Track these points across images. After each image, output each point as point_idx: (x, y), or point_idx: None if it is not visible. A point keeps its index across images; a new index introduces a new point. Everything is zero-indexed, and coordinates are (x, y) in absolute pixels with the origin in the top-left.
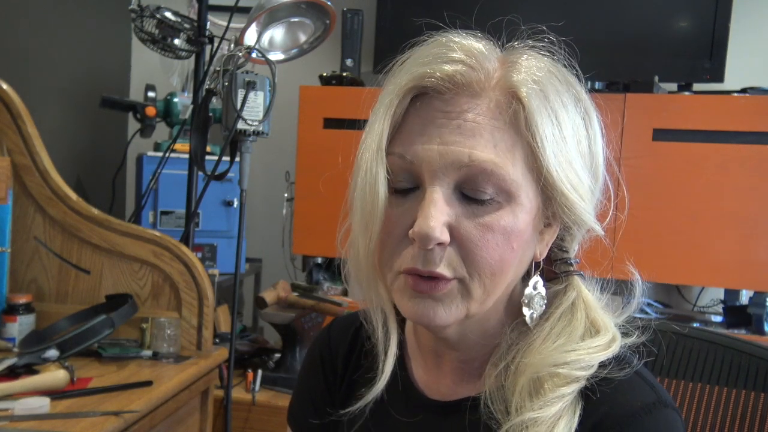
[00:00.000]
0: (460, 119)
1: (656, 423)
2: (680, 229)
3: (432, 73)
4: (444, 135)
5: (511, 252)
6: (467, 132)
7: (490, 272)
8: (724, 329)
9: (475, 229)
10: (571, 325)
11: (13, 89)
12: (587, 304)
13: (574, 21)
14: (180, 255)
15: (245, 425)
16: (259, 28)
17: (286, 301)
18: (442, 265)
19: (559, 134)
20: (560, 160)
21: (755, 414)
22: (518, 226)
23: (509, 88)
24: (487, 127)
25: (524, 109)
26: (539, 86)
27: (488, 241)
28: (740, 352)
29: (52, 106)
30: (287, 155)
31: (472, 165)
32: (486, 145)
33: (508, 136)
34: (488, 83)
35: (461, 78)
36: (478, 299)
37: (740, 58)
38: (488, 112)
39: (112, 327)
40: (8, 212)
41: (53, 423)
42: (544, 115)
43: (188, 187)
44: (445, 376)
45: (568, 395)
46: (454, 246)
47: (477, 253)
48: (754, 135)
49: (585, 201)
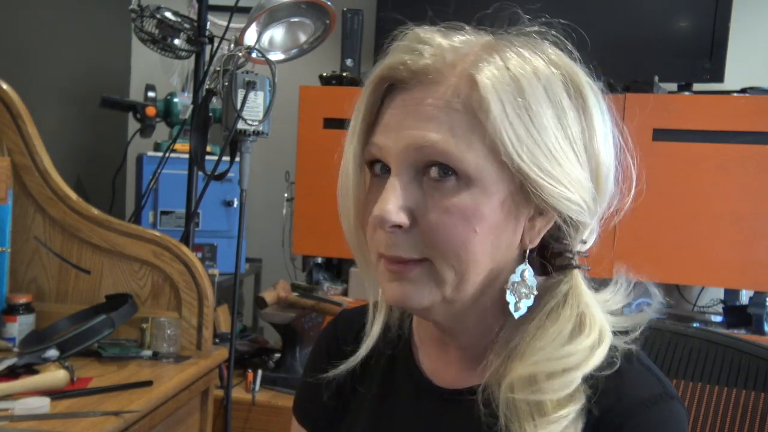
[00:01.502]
0: (418, 104)
1: (662, 414)
2: (680, 229)
3: (395, 64)
4: (403, 121)
5: (474, 235)
6: (423, 117)
7: (454, 254)
8: (724, 329)
9: (434, 212)
10: (558, 322)
11: (13, 89)
12: (580, 298)
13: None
14: (180, 255)
15: (245, 425)
16: (259, 28)
17: (286, 301)
18: (406, 248)
19: (528, 120)
20: (528, 145)
21: (755, 414)
22: (480, 209)
23: (467, 73)
24: (444, 110)
25: (478, 92)
26: (508, 71)
27: (446, 223)
28: (740, 351)
29: (52, 106)
30: (287, 155)
31: (426, 146)
32: (440, 128)
33: (466, 120)
34: (449, 70)
35: (418, 67)
36: (450, 282)
37: (740, 58)
38: (446, 97)
39: (112, 327)
40: (8, 212)
41: (53, 423)
42: (505, 99)
43: (188, 187)
44: (451, 363)
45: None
46: (417, 230)
47: (437, 236)
48: (754, 135)
49: (571, 191)
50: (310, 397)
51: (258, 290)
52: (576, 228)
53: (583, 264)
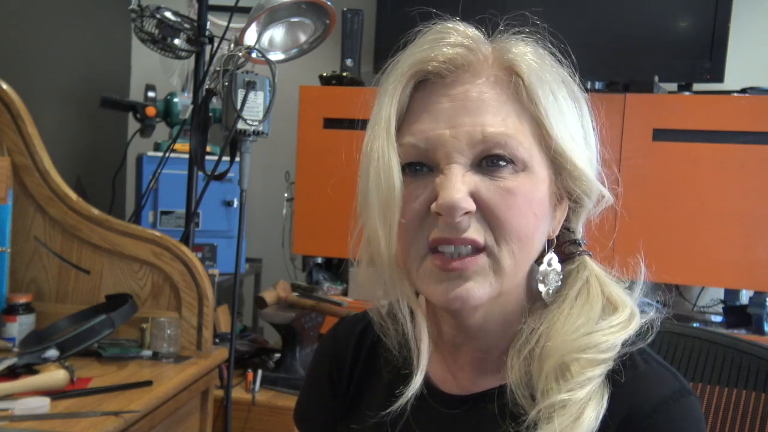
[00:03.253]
0: (465, 99)
1: (682, 410)
2: (680, 229)
3: (433, 56)
4: (453, 117)
5: (534, 218)
6: (474, 110)
7: (516, 237)
8: (724, 329)
9: (497, 192)
10: (588, 303)
11: (13, 89)
12: (601, 280)
13: (574, 21)
14: (180, 255)
15: (245, 425)
16: (259, 28)
17: (286, 301)
18: (471, 231)
19: (557, 107)
20: (564, 131)
21: (755, 414)
22: (537, 194)
23: (506, 64)
24: (493, 101)
25: (524, 82)
26: (534, 62)
27: (511, 204)
28: (741, 352)
29: (52, 106)
30: (287, 155)
31: (486, 140)
32: (495, 119)
33: (514, 109)
34: (486, 62)
35: (461, 59)
36: (509, 271)
37: (740, 58)
38: (491, 88)
39: (112, 327)
40: (8, 212)
41: (53, 423)
42: (543, 88)
43: (188, 187)
44: (463, 370)
45: (596, 378)
46: (479, 214)
47: (502, 217)
48: (754, 135)
49: (591, 173)
50: (311, 408)
51: (258, 290)
52: (578, 216)
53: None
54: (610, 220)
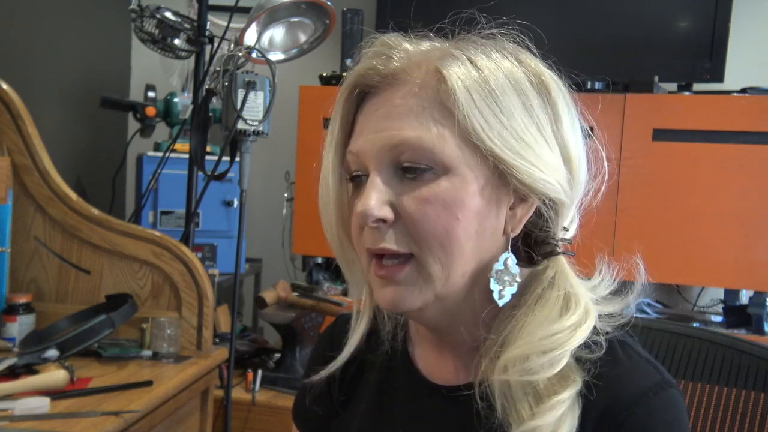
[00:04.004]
0: (389, 105)
1: (663, 402)
2: (680, 229)
3: (364, 70)
4: (376, 123)
5: (457, 222)
6: (394, 116)
7: (438, 244)
8: (724, 329)
9: (414, 203)
10: (546, 306)
11: (13, 89)
12: (565, 282)
13: (574, 21)
14: (180, 255)
15: (245, 425)
16: (259, 28)
17: (286, 301)
18: (390, 241)
19: (495, 107)
20: (498, 131)
21: (755, 414)
22: (459, 196)
23: (433, 68)
24: (414, 107)
25: (445, 84)
26: (472, 64)
27: (428, 213)
28: (741, 351)
29: (52, 106)
30: (287, 155)
31: (401, 144)
32: (412, 124)
33: (436, 112)
34: (415, 68)
35: (385, 69)
36: (439, 277)
37: (740, 58)
38: (414, 94)
39: (112, 327)
40: (8, 212)
41: (53, 423)
42: (471, 88)
43: (188, 187)
44: (448, 362)
45: (566, 400)
46: (400, 223)
47: (419, 227)
48: (754, 135)
49: (545, 173)
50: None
51: (258, 290)
52: (556, 213)
53: (566, 250)
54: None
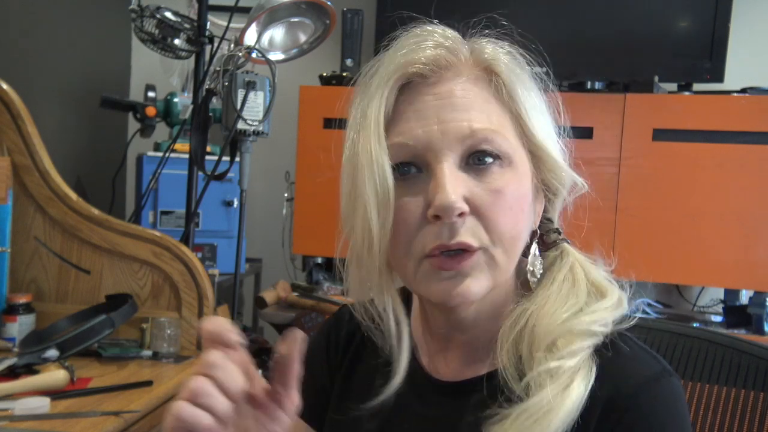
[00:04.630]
0: (451, 96)
1: (664, 390)
2: (680, 229)
3: (416, 58)
4: (440, 114)
5: (523, 215)
6: (460, 107)
7: (509, 236)
8: (724, 329)
9: (488, 195)
10: (575, 287)
11: (13, 89)
12: (584, 267)
13: (573, 21)
14: (180, 255)
15: None
16: (259, 28)
17: (286, 301)
18: (467, 235)
19: (532, 103)
20: (539, 125)
21: (755, 414)
22: (523, 189)
23: (485, 64)
24: (477, 99)
25: (503, 81)
26: (509, 62)
27: (502, 206)
28: (741, 351)
29: (52, 106)
30: (287, 155)
31: (473, 135)
32: (480, 116)
33: (496, 106)
34: (467, 62)
35: (443, 60)
36: (503, 267)
37: (740, 58)
38: (473, 86)
39: (112, 327)
40: (8, 212)
41: (53, 423)
42: (520, 86)
43: (188, 187)
44: (452, 360)
45: (584, 349)
46: (472, 216)
47: (495, 219)
48: (754, 135)
49: (564, 167)
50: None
51: (258, 290)
52: (554, 206)
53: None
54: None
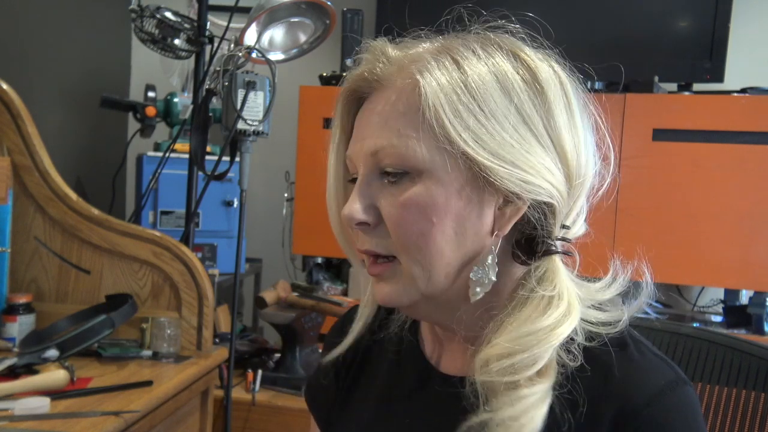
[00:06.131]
0: (372, 113)
1: (679, 399)
2: (680, 229)
3: (355, 77)
4: (362, 131)
5: (431, 225)
6: (373, 124)
7: (415, 247)
8: (724, 329)
9: (392, 208)
10: (530, 305)
11: (13, 89)
12: (555, 280)
13: (573, 21)
14: (180, 255)
15: (245, 425)
16: (259, 28)
17: (286, 301)
18: (373, 243)
19: (475, 108)
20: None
21: (755, 414)
22: (435, 200)
23: (413, 75)
24: (392, 114)
25: (422, 89)
26: (455, 65)
27: (404, 217)
28: (740, 351)
29: (52, 106)
30: (287, 155)
31: (377, 154)
32: (383, 133)
33: (412, 118)
34: (398, 75)
35: (371, 75)
36: (421, 277)
37: (740, 58)
38: (393, 101)
39: (112, 327)
40: (8, 212)
41: (53, 423)
42: (447, 91)
43: (188, 187)
44: (456, 353)
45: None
46: (382, 227)
47: (397, 231)
48: (754, 135)
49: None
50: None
51: (258, 290)
52: (552, 214)
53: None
54: (611, 219)
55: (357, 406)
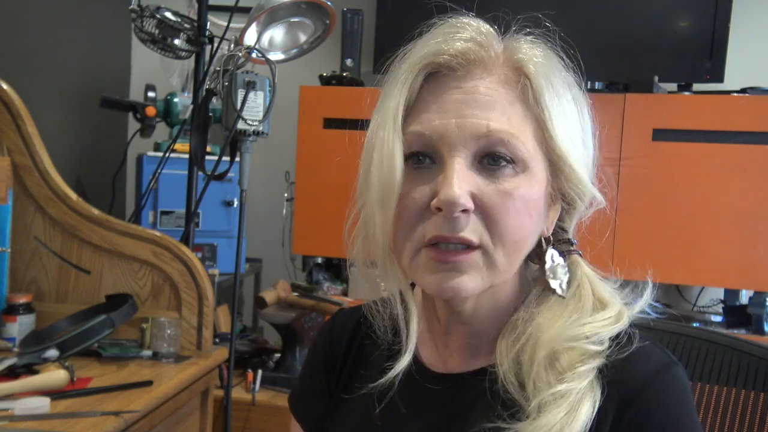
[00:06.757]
0: (474, 93)
1: (674, 380)
2: (680, 229)
3: (446, 50)
4: (460, 109)
5: (530, 220)
6: (482, 105)
7: (512, 239)
8: (724, 329)
9: (496, 195)
10: (581, 300)
11: (13, 89)
12: (591, 280)
13: (573, 21)
14: (180, 255)
15: (245, 425)
16: (259, 28)
17: (286, 301)
18: (468, 231)
19: (561, 111)
20: (564, 135)
21: (755, 414)
22: (533, 195)
23: (516, 65)
24: (500, 99)
25: (531, 84)
26: (542, 65)
27: (509, 208)
28: (740, 351)
29: (52, 106)
30: (287, 155)
31: (490, 135)
32: (500, 117)
33: (519, 109)
34: (497, 60)
35: (473, 54)
36: (502, 268)
37: (740, 58)
38: (500, 86)
39: (112, 327)
40: (8, 212)
41: (53, 423)
42: (549, 91)
43: (188, 187)
44: (452, 353)
45: (589, 371)
46: (477, 214)
47: (500, 220)
48: (754, 135)
49: (586, 173)
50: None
51: (258, 290)
52: (572, 216)
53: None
54: (609, 220)
55: (350, 408)
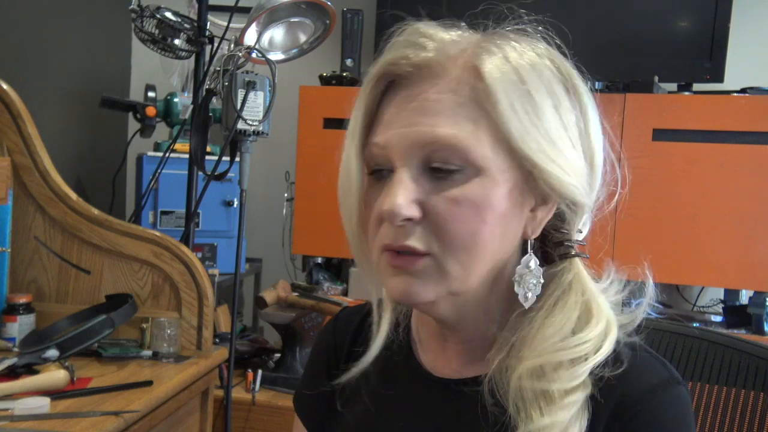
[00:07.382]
0: (424, 100)
1: (671, 399)
2: (680, 229)
3: (395, 59)
4: (409, 117)
5: (484, 225)
6: (429, 111)
7: (462, 246)
8: (724, 329)
9: (443, 203)
10: (564, 311)
11: (13, 89)
12: (584, 287)
13: (573, 21)
14: (180, 255)
15: (245, 425)
16: (259, 28)
17: (286, 301)
18: (413, 239)
19: (530, 109)
20: (533, 134)
21: (755, 414)
22: (489, 199)
23: (471, 64)
24: (449, 103)
25: (484, 83)
26: (507, 61)
27: (457, 214)
28: (740, 351)
29: (52, 106)
30: (287, 155)
31: (435, 142)
32: (447, 121)
33: (471, 111)
34: (451, 63)
35: (421, 60)
36: (457, 276)
37: (740, 58)
38: (449, 89)
39: (112, 327)
40: (8, 212)
41: (53, 423)
42: (509, 89)
43: (188, 187)
44: (451, 359)
45: (578, 402)
46: (426, 222)
47: (446, 227)
48: (754, 135)
49: (571, 176)
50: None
51: (258, 290)
52: (575, 215)
53: (581, 252)
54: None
55: (351, 411)
